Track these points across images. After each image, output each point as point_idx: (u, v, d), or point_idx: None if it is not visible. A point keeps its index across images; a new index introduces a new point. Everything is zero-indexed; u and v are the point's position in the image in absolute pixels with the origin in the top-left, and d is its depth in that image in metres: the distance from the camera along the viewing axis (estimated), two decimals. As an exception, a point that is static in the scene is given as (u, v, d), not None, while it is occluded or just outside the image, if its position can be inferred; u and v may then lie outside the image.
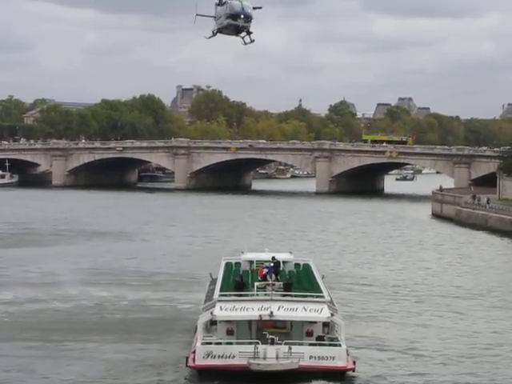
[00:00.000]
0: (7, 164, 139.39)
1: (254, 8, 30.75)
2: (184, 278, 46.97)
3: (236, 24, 30.56)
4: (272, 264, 30.20)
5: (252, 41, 31.56)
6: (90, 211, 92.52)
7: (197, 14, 32.22)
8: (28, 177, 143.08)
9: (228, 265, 33.36)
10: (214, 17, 31.36)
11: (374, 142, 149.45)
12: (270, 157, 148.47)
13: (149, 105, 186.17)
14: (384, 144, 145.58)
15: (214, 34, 31.95)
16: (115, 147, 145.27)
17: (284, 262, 32.01)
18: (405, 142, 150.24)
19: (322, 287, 30.07)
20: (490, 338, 33.78)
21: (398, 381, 27.18)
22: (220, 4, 30.83)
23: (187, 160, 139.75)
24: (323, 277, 32.43)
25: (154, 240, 69.66)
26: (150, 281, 48.34)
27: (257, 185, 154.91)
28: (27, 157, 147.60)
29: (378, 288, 46.58)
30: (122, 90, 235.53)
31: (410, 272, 53.69)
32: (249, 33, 31.03)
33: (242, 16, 30.37)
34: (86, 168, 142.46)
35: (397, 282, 49.36)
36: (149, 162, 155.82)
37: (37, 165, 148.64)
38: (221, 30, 31.36)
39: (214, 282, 31.51)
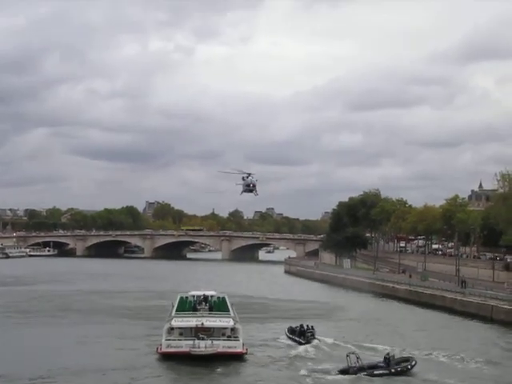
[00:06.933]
0: (51, 243, 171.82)
1: (256, 180, 42.03)
2: (159, 302, 55.09)
3: (250, 188, 41.63)
4: (202, 297, 39.37)
5: (257, 194, 42.16)
6: (100, 267, 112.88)
7: (236, 184, 42.44)
8: (62, 251, 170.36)
9: (181, 297, 40.29)
10: (242, 184, 42.11)
11: (187, 229, 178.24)
12: (196, 240, 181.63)
13: (130, 211, 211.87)
14: (194, 230, 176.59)
15: (241, 193, 42.42)
16: (111, 234, 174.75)
17: (211, 296, 40.38)
18: (202, 229, 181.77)
19: (231, 309, 37.49)
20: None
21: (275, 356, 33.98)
22: (243, 180, 41.69)
23: (151, 241, 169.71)
24: (232, 304, 39.25)
25: (139, 282, 79.02)
26: (143, 298, 60.59)
27: (189, 255, 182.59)
28: (62, 239, 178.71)
29: (259, 305, 55.59)
30: (116, 202, 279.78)
31: (274, 293, 65.24)
32: (255, 190, 41.79)
33: (252, 185, 41.61)
34: (95, 246, 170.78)
35: (268, 300, 60.04)
36: (130, 243, 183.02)
37: (67, 244, 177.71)
38: (245, 190, 41.87)
39: (173, 306, 38.66)
